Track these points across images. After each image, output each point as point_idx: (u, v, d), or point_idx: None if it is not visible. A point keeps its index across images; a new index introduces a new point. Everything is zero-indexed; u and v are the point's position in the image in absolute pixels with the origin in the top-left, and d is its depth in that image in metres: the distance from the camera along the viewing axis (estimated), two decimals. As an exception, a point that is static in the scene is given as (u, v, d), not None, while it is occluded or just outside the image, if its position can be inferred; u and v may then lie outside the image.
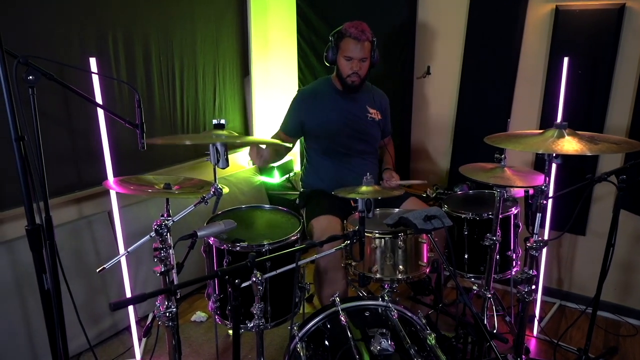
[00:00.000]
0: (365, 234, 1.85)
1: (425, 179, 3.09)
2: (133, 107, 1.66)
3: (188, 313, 2.65)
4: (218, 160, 1.47)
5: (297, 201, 2.47)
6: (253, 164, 3.43)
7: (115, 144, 2.28)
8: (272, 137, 2.39)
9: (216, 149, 1.45)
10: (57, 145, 2.24)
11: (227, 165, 1.48)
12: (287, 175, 3.52)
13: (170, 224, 1.49)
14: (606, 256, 1.98)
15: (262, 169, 3.48)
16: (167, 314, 1.54)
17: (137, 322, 2.37)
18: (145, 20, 2.53)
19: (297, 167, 3.61)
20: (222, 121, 1.49)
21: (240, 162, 3.51)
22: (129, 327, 2.29)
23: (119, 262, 2.12)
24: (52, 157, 2.22)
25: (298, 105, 2.40)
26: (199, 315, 2.60)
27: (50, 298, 1.28)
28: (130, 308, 2.23)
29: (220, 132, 1.49)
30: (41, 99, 2.11)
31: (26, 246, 1.56)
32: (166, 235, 1.49)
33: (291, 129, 2.39)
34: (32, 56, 1.41)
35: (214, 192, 1.50)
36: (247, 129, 3.39)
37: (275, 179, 3.45)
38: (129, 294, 2.18)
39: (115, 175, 2.14)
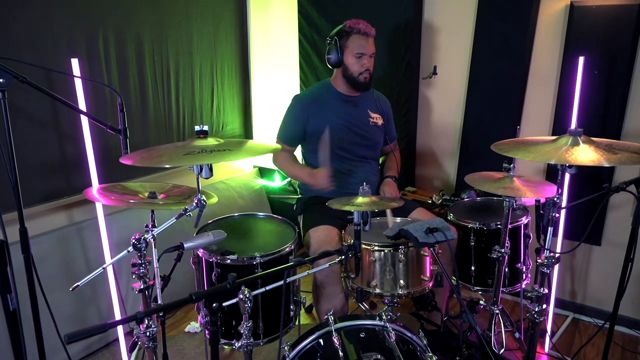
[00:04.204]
0: (364, 246, 1.74)
1: (431, 185, 2.97)
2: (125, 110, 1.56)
3: (182, 323, 2.56)
4: (201, 170, 1.36)
5: (295, 208, 2.36)
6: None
7: (104, 149, 2.21)
8: (276, 155, 2.32)
9: (198, 157, 1.33)
10: (46, 150, 2.16)
11: (211, 175, 1.37)
12: (288, 179, 3.41)
13: (149, 238, 1.39)
14: (624, 271, 1.84)
15: (263, 172, 3.37)
16: (147, 334, 1.44)
17: (127, 334, 2.27)
18: (138, 18, 2.43)
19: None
20: (205, 128, 1.38)
21: (240, 165, 3.41)
22: (118, 339, 2.20)
23: (105, 273, 2.03)
24: (41, 162, 2.14)
25: (298, 113, 2.27)
26: (193, 326, 2.50)
27: (16, 320, 1.18)
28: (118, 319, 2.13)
29: (203, 141, 1.38)
30: (28, 103, 2.05)
31: (14, 254, 1.48)
32: (145, 250, 1.38)
33: (292, 138, 2.30)
34: (2, 57, 1.32)
35: (196, 204, 1.38)
36: (247, 131, 3.28)
37: (276, 182, 3.34)
38: (116, 307, 2.09)
39: (103, 181, 2.05)
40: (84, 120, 1.87)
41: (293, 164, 2.33)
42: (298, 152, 2.43)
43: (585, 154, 1.33)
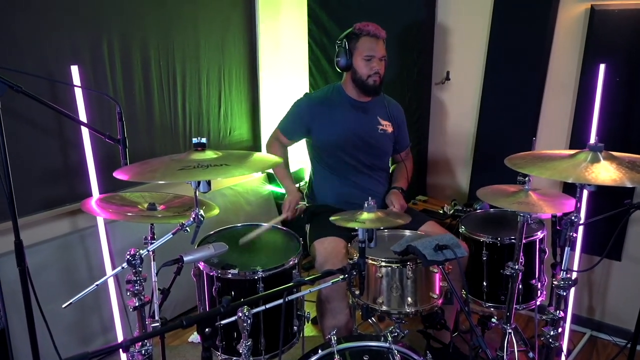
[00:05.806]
0: (370, 261, 1.67)
1: (443, 193, 2.88)
2: (128, 119, 1.51)
3: (185, 333, 2.51)
4: (199, 184, 1.30)
5: (302, 216, 2.30)
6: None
7: (108, 154, 2.16)
8: (270, 140, 2.37)
9: (195, 171, 1.28)
10: (49, 156, 2.13)
11: (209, 189, 1.31)
12: (297, 185, 3.34)
13: (145, 254, 1.34)
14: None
15: (271, 178, 3.32)
16: (143, 352, 1.39)
17: (129, 345, 2.24)
18: (143, 23, 2.39)
19: (307, 176, 3.43)
20: (203, 140, 1.33)
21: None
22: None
23: (106, 283, 2.00)
24: (44, 169, 2.11)
25: (305, 111, 2.24)
26: (197, 336, 2.45)
27: (5, 339, 1.13)
28: (119, 330, 2.10)
29: (201, 154, 1.32)
30: (30, 109, 2.02)
31: (12, 263, 1.45)
32: (140, 267, 1.33)
33: (292, 132, 2.28)
34: (-3, 67, 1.29)
35: (193, 219, 1.33)
36: (255, 137, 3.23)
37: (285, 188, 3.28)
38: (117, 318, 2.05)
39: (106, 187, 2.03)
40: (84, 128, 1.83)
41: (282, 170, 2.32)
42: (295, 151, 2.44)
43: (606, 172, 1.24)
